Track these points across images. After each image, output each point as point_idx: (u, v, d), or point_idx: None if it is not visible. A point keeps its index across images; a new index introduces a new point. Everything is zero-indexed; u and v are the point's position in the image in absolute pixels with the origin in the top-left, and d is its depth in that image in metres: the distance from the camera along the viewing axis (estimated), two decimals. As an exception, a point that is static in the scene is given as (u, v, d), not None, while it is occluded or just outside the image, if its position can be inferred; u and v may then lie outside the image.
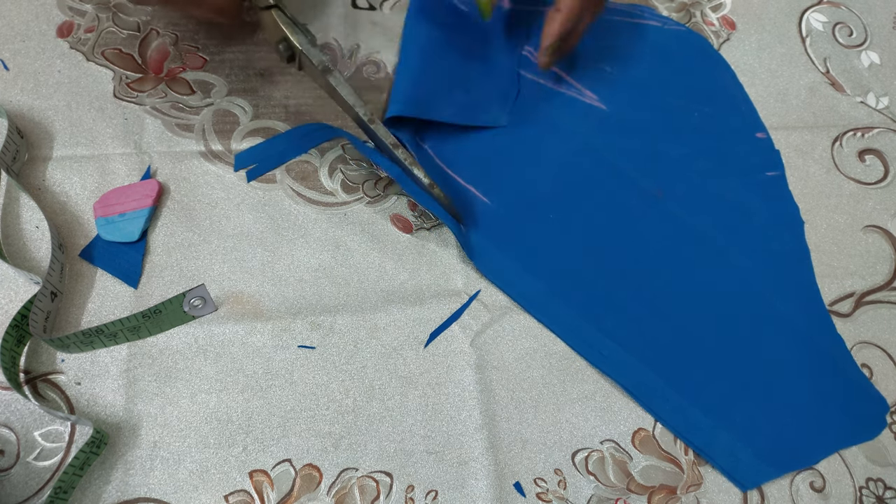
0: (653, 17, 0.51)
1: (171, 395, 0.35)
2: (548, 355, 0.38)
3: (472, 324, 0.39)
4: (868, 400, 0.39)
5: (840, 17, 0.54)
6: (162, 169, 0.40)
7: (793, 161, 0.47)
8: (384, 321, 0.38)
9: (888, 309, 0.42)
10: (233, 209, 0.40)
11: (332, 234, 0.40)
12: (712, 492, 0.36)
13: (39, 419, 0.34)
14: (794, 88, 0.50)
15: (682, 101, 0.46)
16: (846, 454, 0.38)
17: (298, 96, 0.44)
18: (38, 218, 0.38)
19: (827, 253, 0.44)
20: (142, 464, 0.33)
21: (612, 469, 0.36)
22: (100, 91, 0.42)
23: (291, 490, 0.34)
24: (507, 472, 0.35)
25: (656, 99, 0.47)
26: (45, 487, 0.32)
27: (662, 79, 0.47)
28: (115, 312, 0.36)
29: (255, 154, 0.41)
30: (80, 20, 0.44)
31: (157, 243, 0.39)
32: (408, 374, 0.37)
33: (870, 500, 0.37)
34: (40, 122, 0.41)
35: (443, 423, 0.36)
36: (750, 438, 0.37)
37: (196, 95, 0.43)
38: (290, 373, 0.36)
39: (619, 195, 0.43)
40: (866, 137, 0.49)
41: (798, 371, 0.39)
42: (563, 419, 0.37)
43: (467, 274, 0.40)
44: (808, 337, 0.40)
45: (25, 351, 0.35)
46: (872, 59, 0.52)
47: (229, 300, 0.38)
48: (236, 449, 0.34)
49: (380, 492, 0.34)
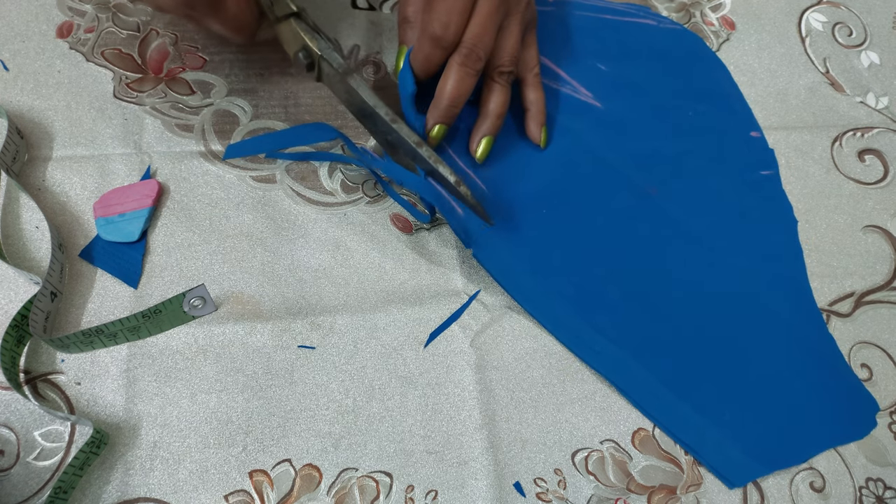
0: (648, 17, 0.51)
1: (171, 395, 0.35)
2: (548, 355, 0.38)
3: (472, 324, 0.39)
4: (858, 398, 0.39)
5: (840, 17, 0.54)
6: (162, 169, 0.41)
7: (792, 161, 0.47)
8: (384, 321, 0.38)
9: (888, 309, 0.42)
10: (233, 209, 0.40)
11: (332, 234, 0.40)
12: (712, 492, 0.36)
13: (39, 419, 0.34)
14: (794, 88, 0.50)
15: (677, 99, 0.46)
16: (846, 454, 0.38)
17: (298, 96, 0.44)
18: (38, 218, 0.38)
19: (826, 253, 0.44)
20: (142, 464, 0.33)
21: (611, 469, 0.36)
22: (100, 91, 0.42)
23: (291, 490, 0.34)
24: (507, 472, 0.35)
25: (651, 97, 0.47)
26: (45, 487, 0.32)
27: (657, 77, 0.47)
28: (115, 312, 0.36)
29: (248, 146, 0.42)
30: (80, 20, 0.44)
31: (156, 243, 0.39)
32: (408, 374, 0.37)
33: (870, 499, 0.37)
34: (40, 123, 0.41)
35: (443, 423, 0.36)
36: (739, 436, 0.37)
37: (196, 95, 0.43)
38: (290, 373, 0.36)
39: (612, 192, 0.43)
40: (866, 137, 0.49)
41: (788, 369, 0.39)
42: (563, 419, 0.37)
43: (467, 274, 0.40)
44: (799, 335, 0.40)
45: (25, 351, 0.35)
46: (872, 59, 0.52)
47: (229, 300, 0.38)
48: (236, 449, 0.34)
49: (380, 492, 0.34)
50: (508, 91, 0.41)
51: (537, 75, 0.43)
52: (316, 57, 0.38)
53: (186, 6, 0.35)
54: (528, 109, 0.43)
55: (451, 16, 0.37)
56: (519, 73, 0.42)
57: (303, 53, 0.38)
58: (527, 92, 0.43)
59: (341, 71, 0.38)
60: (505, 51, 0.40)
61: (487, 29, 0.38)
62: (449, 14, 0.37)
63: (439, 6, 0.37)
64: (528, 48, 0.42)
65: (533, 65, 0.42)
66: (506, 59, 0.40)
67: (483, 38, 0.38)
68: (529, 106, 0.43)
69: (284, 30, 0.38)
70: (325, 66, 0.38)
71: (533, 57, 0.43)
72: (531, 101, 0.43)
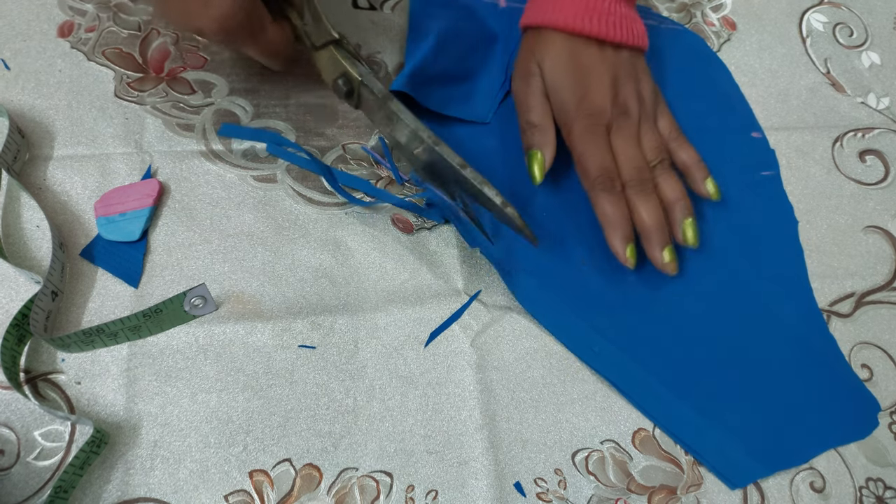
0: (649, 17, 0.51)
1: (171, 394, 0.35)
2: (548, 355, 0.38)
3: (472, 324, 0.39)
4: (859, 399, 0.39)
5: (840, 17, 0.54)
6: (163, 168, 0.41)
7: (793, 162, 0.47)
8: (384, 321, 0.38)
9: (888, 309, 0.42)
10: (233, 209, 0.40)
11: (333, 234, 0.40)
12: (712, 492, 0.36)
13: (39, 419, 0.34)
14: (795, 89, 0.50)
15: (678, 99, 0.46)
16: (846, 454, 0.38)
17: (299, 96, 0.44)
18: (39, 217, 0.38)
19: (827, 253, 0.44)
20: (142, 463, 0.33)
21: (612, 469, 0.36)
22: (101, 91, 0.42)
23: (291, 490, 0.34)
24: (507, 471, 0.35)
25: None
26: (46, 487, 0.32)
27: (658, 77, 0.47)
28: (116, 312, 0.36)
29: (244, 133, 0.42)
30: (81, 20, 0.44)
31: (157, 243, 0.39)
32: (408, 374, 0.37)
33: (870, 500, 0.37)
34: (41, 122, 0.41)
35: (443, 422, 0.36)
36: (741, 436, 0.37)
37: (197, 95, 0.43)
38: (290, 372, 0.36)
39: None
40: (867, 138, 0.49)
41: (789, 369, 0.39)
42: (563, 419, 0.37)
43: (467, 274, 0.40)
44: (800, 336, 0.40)
45: (26, 350, 0.35)
46: (873, 60, 0.52)
47: (230, 300, 0.38)
48: (236, 448, 0.34)
49: (380, 492, 0.34)
50: (673, 173, 0.41)
51: (678, 138, 0.43)
52: (356, 83, 0.38)
53: (228, 34, 0.35)
54: (685, 171, 0.42)
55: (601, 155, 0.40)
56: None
57: (342, 80, 0.38)
58: (678, 156, 0.43)
59: (381, 97, 0.37)
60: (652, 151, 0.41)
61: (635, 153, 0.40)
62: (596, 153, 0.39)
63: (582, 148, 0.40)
64: (661, 118, 0.43)
65: (675, 135, 0.43)
66: (653, 156, 0.41)
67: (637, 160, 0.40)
68: (685, 168, 0.42)
69: (322, 56, 0.38)
70: (366, 92, 0.38)
71: (667, 124, 0.43)
72: (685, 162, 0.42)
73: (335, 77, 0.38)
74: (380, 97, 0.37)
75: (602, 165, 0.39)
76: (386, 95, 0.37)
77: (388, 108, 0.37)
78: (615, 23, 0.41)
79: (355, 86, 0.38)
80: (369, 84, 0.37)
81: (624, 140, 0.40)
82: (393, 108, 0.37)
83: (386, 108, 0.37)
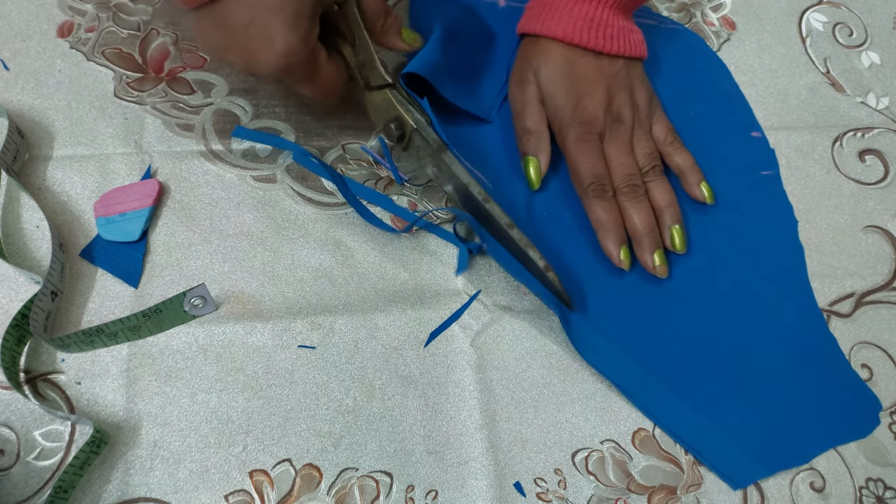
0: (649, 16, 0.51)
1: (171, 394, 0.35)
2: (548, 355, 0.38)
3: (472, 324, 0.39)
4: (860, 398, 0.39)
5: (840, 17, 0.54)
6: (162, 168, 0.41)
7: (793, 161, 0.47)
8: (384, 321, 0.38)
9: (888, 309, 0.42)
10: (233, 209, 0.40)
11: (333, 234, 0.40)
12: (712, 492, 0.36)
13: (39, 419, 0.34)
14: (795, 89, 0.50)
15: (678, 99, 0.46)
16: (846, 454, 0.38)
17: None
18: (39, 217, 0.38)
19: (827, 253, 0.44)
20: (142, 463, 0.33)
21: (612, 469, 0.36)
22: (100, 91, 0.42)
23: (291, 490, 0.34)
24: (507, 471, 0.35)
25: None
26: (46, 487, 0.32)
27: (658, 77, 0.47)
28: (116, 312, 0.36)
29: (256, 136, 0.42)
30: (81, 20, 0.44)
31: (157, 243, 0.39)
32: (408, 374, 0.37)
33: (870, 500, 0.37)
34: (41, 122, 0.41)
35: (443, 422, 0.36)
36: (742, 436, 0.37)
37: (196, 95, 0.43)
38: (290, 372, 0.36)
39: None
40: (866, 138, 0.49)
41: (790, 369, 0.39)
42: (563, 419, 0.37)
43: (467, 274, 0.40)
44: (800, 335, 0.40)
45: (26, 350, 0.35)
46: (873, 60, 0.52)
47: (230, 300, 0.38)
48: (236, 448, 0.34)
49: (380, 492, 0.34)
50: (664, 179, 0.42)
51: (673, 143, 0.43)
52: (409, 129, 0.38)
53: (291, 71, 0.35)
54: (680, 175, 0.43)
55: (594, 162, 0.41)
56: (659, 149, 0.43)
57: (395, 124, 0.38)
58: (672, 161, 0.43)
59: (435, 146, 0.38)
60: (644, 158, 0.42)
61: (627, 160, 0.41)
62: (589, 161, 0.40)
63: (575, 155, 0.41)
64: (656, 124, 0.44)
65: (670, 139, 0.43)
66: (645, 162, 0.42)
67: (628, 167, 0.41)
68: (680, 172, 0.43)
69: (376, 97, 0.39)
70: (419, 139, 0.38)
71: (662, 130, 0.44)
72: (679, 166, 0.43)
73: (388, 120, 0.38)
74: (434, 147, 0.38)
75: (594, 172, 0.40)
76: (440, 146, 0.38)
77: (439, 159, 0.38)
78: (612, 35, 0.42)
79: (407, 131, 0.38)
80: (424, 134, 0.38)
81: (616, 147, 0.41)
82: (445, 160, 0.38)
83: (437, 158, 0.38)
